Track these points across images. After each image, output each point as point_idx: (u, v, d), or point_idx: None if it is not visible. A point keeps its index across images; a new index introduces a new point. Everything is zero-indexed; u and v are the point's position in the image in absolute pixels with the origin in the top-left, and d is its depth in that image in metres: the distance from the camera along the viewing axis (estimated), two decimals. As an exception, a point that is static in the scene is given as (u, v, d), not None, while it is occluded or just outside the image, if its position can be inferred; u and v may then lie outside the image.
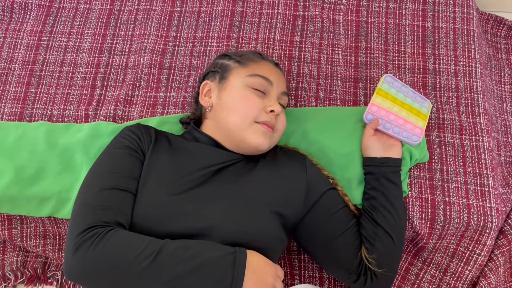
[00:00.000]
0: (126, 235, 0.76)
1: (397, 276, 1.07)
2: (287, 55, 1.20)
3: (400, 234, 0.93)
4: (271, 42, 1.22)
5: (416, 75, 1.17)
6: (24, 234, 1.09)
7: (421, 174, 1.04)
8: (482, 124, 1.09)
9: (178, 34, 1.26)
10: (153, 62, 1.21)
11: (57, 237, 1.11)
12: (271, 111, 0.92)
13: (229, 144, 0.94)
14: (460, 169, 1.04)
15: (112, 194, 0.82)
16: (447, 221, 0.99)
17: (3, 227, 1.08)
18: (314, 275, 1.09)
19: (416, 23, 1.23)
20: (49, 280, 1.13)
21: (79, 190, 0.85)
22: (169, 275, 0.72)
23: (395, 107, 1.04)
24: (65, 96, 1.19)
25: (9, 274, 1.12)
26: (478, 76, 1.15)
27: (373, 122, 1.01)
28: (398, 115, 1.03)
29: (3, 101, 1.18)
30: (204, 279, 0.72)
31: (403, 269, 1.07)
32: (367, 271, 0.91)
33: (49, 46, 1.26)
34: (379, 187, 0.95)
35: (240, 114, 0.91)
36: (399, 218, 0.93)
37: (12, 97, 1.19)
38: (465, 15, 1.23)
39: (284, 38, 1.23)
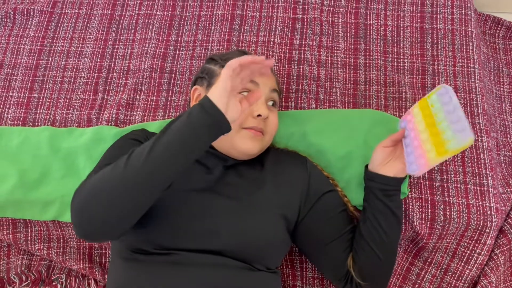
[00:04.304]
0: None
1: (398, 276, 1.07)
2: (286, 57, 1.21)
3: (386, 252, 0.90)
4: (271, 45, 1.23)
5: (415, 76, 1.18)
6: (29, 238, 1.10)
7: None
8: (481, 124, 1.10)
9: (179, 38, 1.27)
10: (154, 66, 1.22)
11: (61, 240, 1.12)
12: (258, 115, 0.90)
13: (222, 149, 0.92)
14: (460, 169, 1.05)
15: None
16: (447, 221, 1.00)
17: (8, 231, 1.09)
18: (316, 275, 1.10)
19: (414, 24, 1.24)
20: (54, 283, 1.14)
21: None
22: (145, 152, 0.71)
23: (422, 125, 0.87)
24: (67, 100, 1.20)
25: (14, 278, 1.13)
26: (476, 77, 1.16)
27: (398, 133, 0.92)
28: (419, 135, 0.87)
29: (7, 107, 1.19)
30: (177, 133, 0.71)
31: (404, 269, 1.07)
32: (353, 281, 0.90)
33: (52, 51, 1.27)
34: (368, 200, 0.93)
35: None
36: (386, 237, 0.89)
37: (15, 102, 1.20)
38: (463, 16, 1.24)
39: (284, 41, 1.24)
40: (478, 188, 1.03)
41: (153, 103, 1.17)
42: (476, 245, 1.01)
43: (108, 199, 0.69)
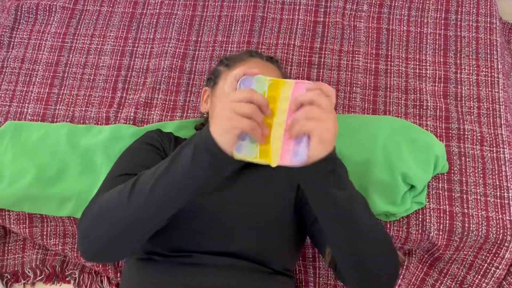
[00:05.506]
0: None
1: (412, 286, 1.06)
2: (306, 61, 1.20)
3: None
4: (291, 48, 1.22)
5: (437, 84, 1.16)
6: (45, 233, 1.11)
7: (440, 185, 1.03)
8: (504, 136, 1.08)
9: (199, 39, 1.27)
10: (173, 66, 1.22)
11: (76, 236, 1.13)
12: None
13: None
14: (480, 180, 1.03)
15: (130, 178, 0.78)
16: (465, 233, 0.98)
17: (24, 225, 1.10)
18: (329, 282, 1.09)
19: (438, 31, 1.22)
20: (67, 279, 1.15)
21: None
22: (147, 186, 0.67)
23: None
24: (86, 98, 1.20)
25: (29, 272, 1.14)
26: (500, 87, 1.13)
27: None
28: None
29: (27, 102, 1.20)
30: (177, 165, 0.66)
31: (419, 279, 1.06)
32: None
33: (72, 48, 1.28)
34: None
35: None
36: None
37: (36, 97, 1.21)
38: (488, 25, 1.21)
39: (304, 44, 1.23)
40: (498, 200, 1.01)
41: (172, 103, 1.17)
42: (494, 258, 0.99)
43: (111, 230, 0.70)
